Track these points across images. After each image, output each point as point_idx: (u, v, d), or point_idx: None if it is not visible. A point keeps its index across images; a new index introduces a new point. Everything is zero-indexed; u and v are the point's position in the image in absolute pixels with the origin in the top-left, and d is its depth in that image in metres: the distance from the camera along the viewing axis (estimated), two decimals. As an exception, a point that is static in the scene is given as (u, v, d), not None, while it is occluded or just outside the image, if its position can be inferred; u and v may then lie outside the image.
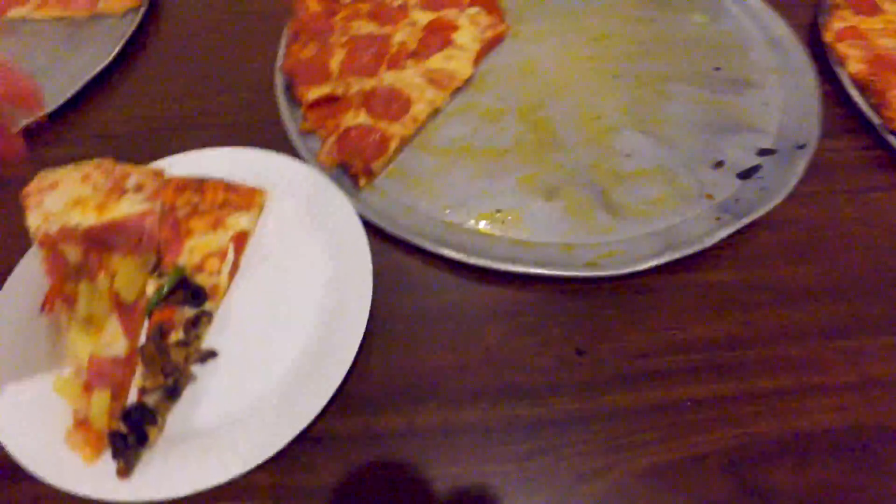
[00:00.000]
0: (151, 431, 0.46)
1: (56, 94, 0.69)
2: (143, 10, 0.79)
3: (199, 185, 0.58)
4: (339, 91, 0.68)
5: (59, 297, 0.49)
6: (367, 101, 0.66)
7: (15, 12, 0.79)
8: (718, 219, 0.57)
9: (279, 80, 0.70)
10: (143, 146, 0.66)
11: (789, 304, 0.54)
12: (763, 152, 0.63)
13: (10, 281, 0.53)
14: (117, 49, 0.74)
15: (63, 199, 0.54)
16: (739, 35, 0.76)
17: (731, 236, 0.56)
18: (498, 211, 0.58)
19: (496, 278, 0.55)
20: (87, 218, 0.53)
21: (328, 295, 0.52)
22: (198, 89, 0.74)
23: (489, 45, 0.74)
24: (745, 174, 0.61)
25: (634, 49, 0.75)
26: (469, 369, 0.50)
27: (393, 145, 0.63)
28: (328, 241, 0.55)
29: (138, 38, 0.79)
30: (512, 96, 0.69)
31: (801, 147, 0.62)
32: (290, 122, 0.66)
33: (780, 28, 0.76)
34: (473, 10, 0.75)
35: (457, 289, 0.55)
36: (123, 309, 0.51)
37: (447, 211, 0.59)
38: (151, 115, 0.72)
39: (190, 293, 0.52)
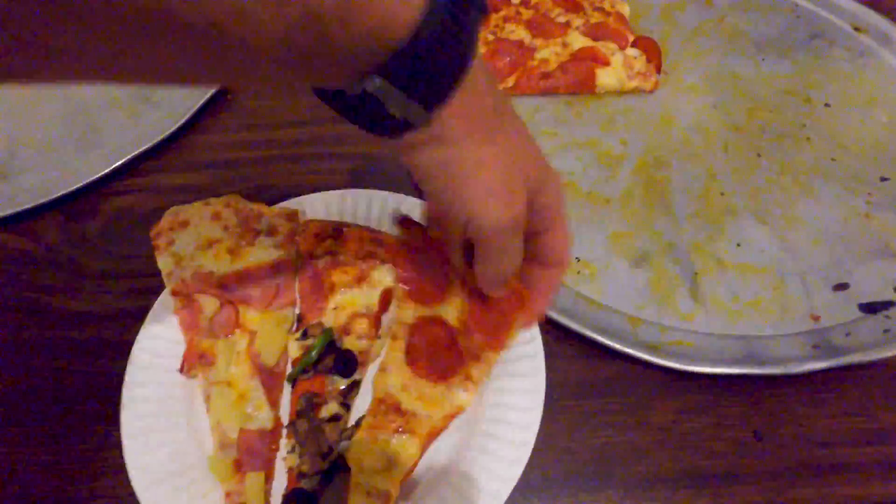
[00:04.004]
0: None
1: (171, 111, 0.68)
2: None
3: (338, 232, 0.52)
4: None
5: (197, 357, 0.47)
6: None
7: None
8: (816, 347, 0.51)
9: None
10: (262, 175, 0.65)
11: None
12: (903, 290, 0.55)
13: (143, 336, 0.49)
14: None
15: (194, 240, 0.51)
16: (928, 147, 0.66)
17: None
18: (577, 260, 0.56)
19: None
20: (220, 264, 0.50)
21: None
22: (314, 114, 0.70)
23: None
24: (871, 307, 0.53)
25: (792, 131, 0.68)
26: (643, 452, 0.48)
27: None
28: None
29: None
30: (637, 145, 0.66)
31: (954, 299, 0.53)
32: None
33: None
34: (633, 52, 0.72)
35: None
36: (265, 373, 0.47)
37: (527, 243, 0.58)
38: (269, 140, 0.68)
39: (342, 360, 0.46)
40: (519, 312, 0.44)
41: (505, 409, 0.45)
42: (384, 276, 0.50)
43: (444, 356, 0.45)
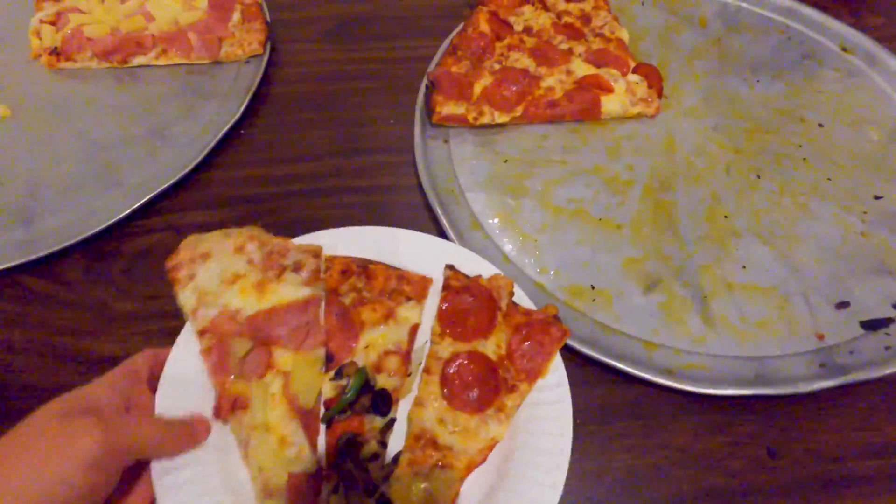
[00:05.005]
0: None
1: (187, 148, 0.70)
2: (265, 57, 0.79)
3: (362, 269, 0.53)
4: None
5: (231, 400, 0.46)
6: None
7: (137, 60, 0.79)
8: (823, 366, 0.53)
9: (419, 144, 0.69)
10: (281, 210, 0.66)
11: None
12: (901, 306, 0.58)
13: (164, 381, 0.46)
14: (245, 103, 0.73)
15: (217, 273, 0.49)
16: (918, 165, 0.69)
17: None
18: (592, 287, 0.59)
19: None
20: (247, 302, 0.49)
21: None
22: (330, 147, 0.72)
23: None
24: (872, 325, 0.56)
25: (790, 151, 0.70)
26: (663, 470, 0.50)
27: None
28: None
29: (260, 87, 0.77)
30: (643, 170, 0.68)
31: (949, 313, 0.56)
32: (432, 190, 0.65)
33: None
34: (635, 78, 0.74)
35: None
36: (304, 415, 0.46)
37: (538, 270, 0.60)
38: (286, 174, 0.69)
39: (379, 398, 0.47)
40: (558, 345, 0.48)
41: (537, 436, 0.47)
42: (410, 313, 0.52)
43: (481, 387, 0.47)
